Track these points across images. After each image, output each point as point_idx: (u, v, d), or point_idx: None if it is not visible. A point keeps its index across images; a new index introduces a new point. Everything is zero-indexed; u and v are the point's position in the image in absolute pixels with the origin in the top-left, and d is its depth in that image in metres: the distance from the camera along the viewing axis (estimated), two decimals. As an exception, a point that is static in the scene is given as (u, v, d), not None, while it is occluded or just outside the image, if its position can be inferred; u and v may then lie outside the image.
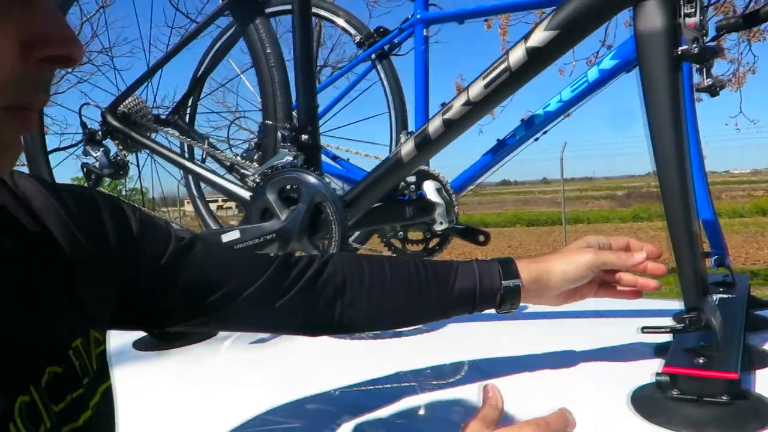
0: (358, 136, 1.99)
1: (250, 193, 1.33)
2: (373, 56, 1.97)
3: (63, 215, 0.59)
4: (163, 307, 0.75)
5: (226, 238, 1.31)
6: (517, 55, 1.10)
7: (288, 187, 1.29)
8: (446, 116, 1.16)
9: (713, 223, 1.49)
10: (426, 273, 0.90)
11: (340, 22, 2.02)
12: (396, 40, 1.95)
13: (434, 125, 1.17)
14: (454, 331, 1.28)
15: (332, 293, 0.85)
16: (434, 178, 1.69)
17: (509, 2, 1.75)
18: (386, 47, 1.96)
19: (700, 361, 0.89)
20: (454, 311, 0.93)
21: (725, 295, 1.34)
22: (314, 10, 2.02)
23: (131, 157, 1.57)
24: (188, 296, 0.75)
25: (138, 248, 0.69)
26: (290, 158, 1.28)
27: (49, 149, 1.83)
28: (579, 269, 0.94)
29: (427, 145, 1.18)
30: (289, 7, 1.80)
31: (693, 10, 0.97)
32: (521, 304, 0.95)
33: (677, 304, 1.02)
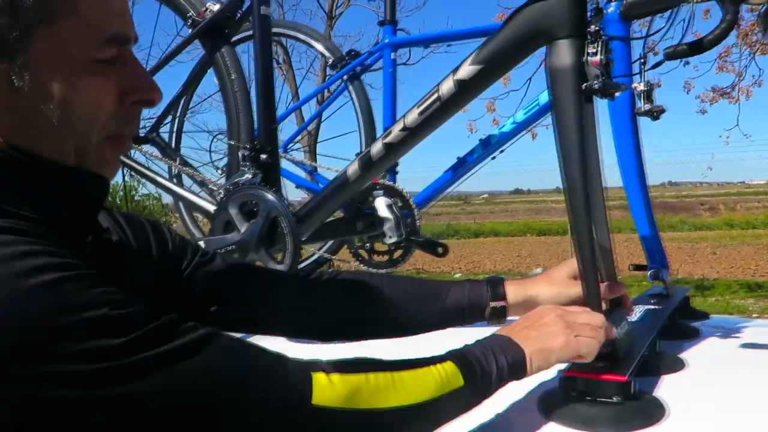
0: (337, 152, 2.10)
1: (215, 207, 1.45)
2: (345, 77, 2.09)
3: (119, 232, 0.81)
4: (187, 309, 0.88)
5: (192, 248, 1.43)
6: (447, 86, 1.20)
7: (247, 202, 1.41)
8: (386, 140, 1.27)
9: (651, 238, 1.58)
10: (421, 289, 1.06)
11: (316, 45, 2.15)
12: (367, 63, 2.07)
13: (376, 148, 1.28)
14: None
15: (336, 305, 1.01)
16: (398, 193, 1.81)
17: (471, 29, 1.86)
18: (357, 69, 2.08)
19: (600, 365, 0.98)
20: (447, 323, 1.07)
21: (654, 307, 1.43)
22: (293, 33, 2.16)
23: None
24: (206, 301, 0.92)
25: (172, 261, 0.88)
26: (249, 176, 1.40)
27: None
28: (569, 299, 1.08)
29: (370, 166, 1.29)
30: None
31: (596, 49, 1.06)
32: None
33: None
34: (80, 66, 0.60)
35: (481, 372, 0.76)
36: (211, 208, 1.48)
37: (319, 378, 0.62)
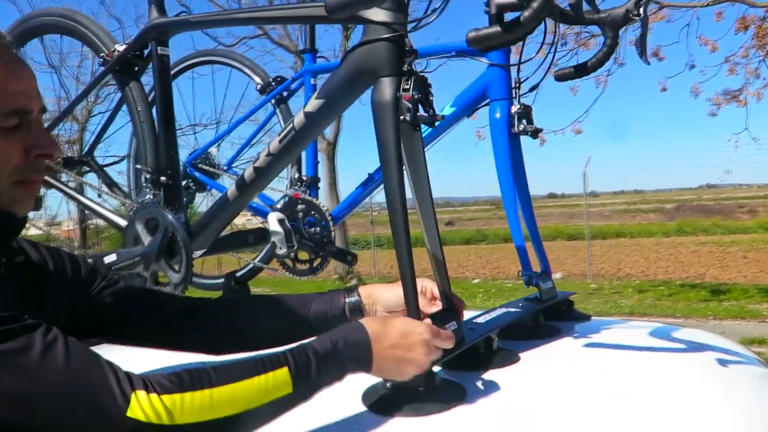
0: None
1: (126, 223, 1.65)
2: (273, 101, 2.27)
3: (39, 259, 1.02)
4: (93, 323, 1.12)
5: (107, 260, 1.64)
6: (299, 118, 1.38)
7: (150, 219, 1.60)
8: (256, 165, 1.45)
9: (523, 248, 1.72)
10: (290, 301, 1.23)
11: (246, 70, 2.34)
12: (292, 87, 2.25)
13: (248, 172, 1.46)
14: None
15: (218, 324, 1.18)
16: (316, 207, 1.99)
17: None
18: (284, 93, 2.26)
19: None
20: (315, 329, 1.18)
21: (512, 310, 1.55)
22: (228, 60, 2.37)
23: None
24: (109, 317, 1.12)
25: (83, 284, 1.08)
26: (151, 196, 1.60)
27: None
28: (399, 304, 1.22)
29: (244, 188, 1.47)
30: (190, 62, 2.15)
31: (408, 86, 1.20)
32: None
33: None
34: None
35: (316, 376, 0.90)
36: (124, 224, 1.69)
37: (138, 394, 0.76)
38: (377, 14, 1.22)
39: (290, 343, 1.22)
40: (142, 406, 0.75)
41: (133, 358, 1.48)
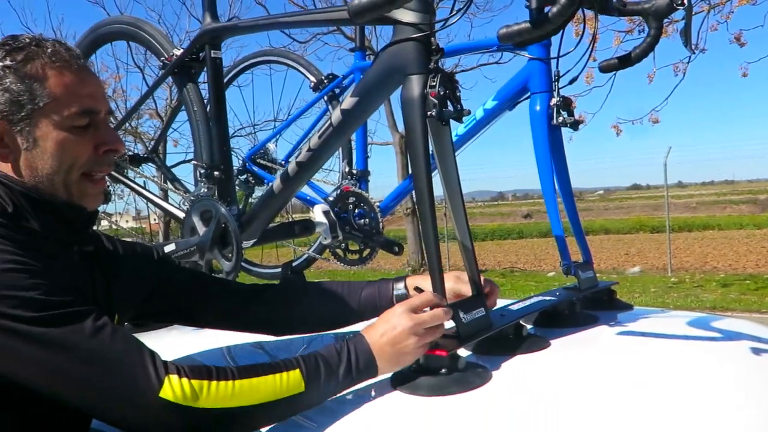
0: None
1: (183, 215, 1.78)
2: (325, 98, 2.36)
3: (114, 250, 1.15)
4: (167, 309, 1.25)
5: (167, 249, 1.77)
6: (336, 115, 1.45)
7: (204, 211, 1.72)
8: (298, 159, 1.54)
9: (562, 238, 1.74)
10: (342, 288, 1.34)
11: (300, 68, 2.44)
12: (344, 84, 2.33)
13: (291, 166, 1.55)
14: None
15: (276, 307, 1.30)
16: (366, 200, 2.07)
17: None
18: (336, 90, 2.34)
19: (439, 343, 1.17)
20: (366, 314, 1.32)
21: (547, 298, 1.58)
22: (281, 59, 2.48)
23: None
24: (180, 303, 1.25)
25: (156, 272, 1.21)
26: (205, 190, 1.72)
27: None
28: (451, 292, 1.29)
29: (289, 181, 1.57)
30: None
31: (435, 83, 1.25)
32: None
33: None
34: (63, 130, 0.96)
35: (326, 379, 0.98)
36: (182, 215, 1.82)
37: (171, 377, 0.87)
38: (405, 15, 1.27)
39: (341, 327, 1.33)
40: (173, 388, 0.86)
41: (174, 344, 1.63)
